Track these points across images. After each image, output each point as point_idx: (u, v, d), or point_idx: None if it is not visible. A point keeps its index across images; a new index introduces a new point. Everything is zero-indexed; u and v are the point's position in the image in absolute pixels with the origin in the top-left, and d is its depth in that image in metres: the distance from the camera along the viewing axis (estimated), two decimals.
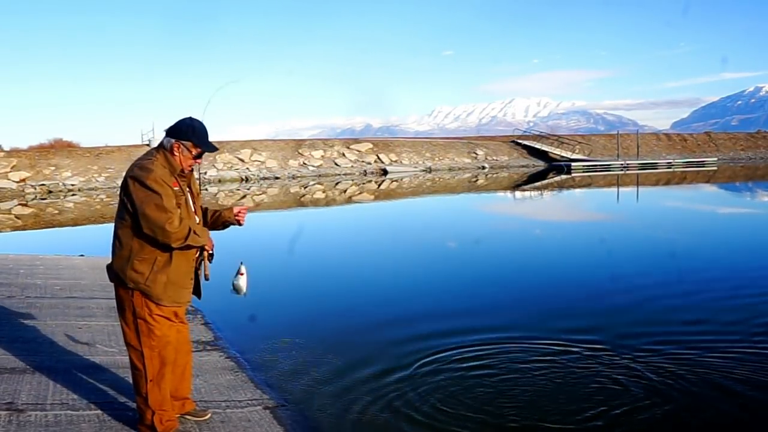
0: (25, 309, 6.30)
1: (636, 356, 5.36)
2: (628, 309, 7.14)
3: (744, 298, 7.32)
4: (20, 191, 27.82)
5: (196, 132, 3.52)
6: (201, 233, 3.53)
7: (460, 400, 4.60)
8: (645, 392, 4.64)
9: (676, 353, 5.47)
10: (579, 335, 5.98)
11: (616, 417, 4.29)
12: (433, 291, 8.22)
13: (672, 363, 5.22)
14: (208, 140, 3.59)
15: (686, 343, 5.76)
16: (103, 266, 3.85)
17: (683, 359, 5.31)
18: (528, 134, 48.82)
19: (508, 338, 5.94)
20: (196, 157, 3.56)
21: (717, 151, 47.34)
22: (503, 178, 33.81)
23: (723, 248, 11.34)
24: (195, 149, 3.53)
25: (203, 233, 3.55)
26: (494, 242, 12.79)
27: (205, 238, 3.57)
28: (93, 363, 4.83)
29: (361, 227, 16.47)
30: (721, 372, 5.04)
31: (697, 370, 5.05)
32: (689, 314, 6.81)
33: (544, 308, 7.25)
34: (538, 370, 5.14)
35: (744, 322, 6.34)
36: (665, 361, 5.25)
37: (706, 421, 4.31)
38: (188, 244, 3.43)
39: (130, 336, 3.53)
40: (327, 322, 6.74)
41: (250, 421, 4.00)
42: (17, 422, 3.71)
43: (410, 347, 5.72)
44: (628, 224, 15.52)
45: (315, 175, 34.63)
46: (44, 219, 19.80)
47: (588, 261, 10.35)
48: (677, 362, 5.24)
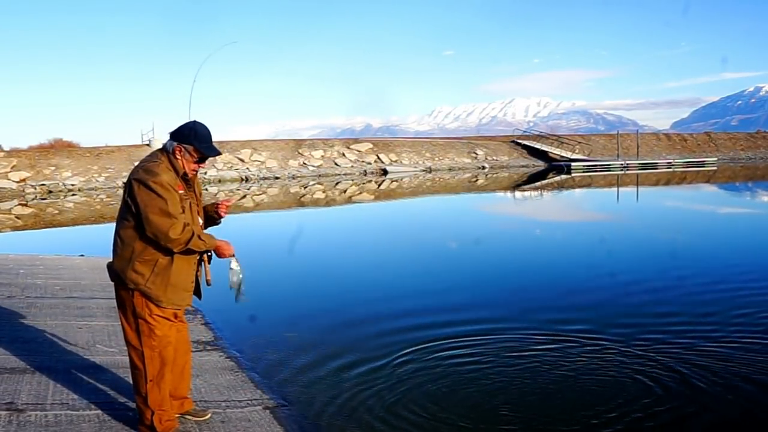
0: (25, 309, 6.30)
1: (635, 348, 5.43)
2: (618, 302, 7.42)
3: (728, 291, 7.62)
4: (20, 191, 27.82)
5: (198, 136, 3.50)
6: (206, 239, 3.52)
7: (463, 400, 4.60)
8: (642, 384, 4.69)
9: (663, 343, 5.66)
10: (572, 326, 6.24)
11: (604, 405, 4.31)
12: (432, 290, 8.22)
13: (659, 352, 5.37)
14: (210, 144, 3.57)
15: (678, 333, 6.01)
16: (103, 266, 3.85)
17: (672, 350, 5.47)
18: (528, 134, 48.80)
19: (514, 335, 6.03)
20: (198, 161, 3.55)
21: (717, 151, 47.34)
22: (503, 178, 33.81)
23: (714, 245, 11.35)
24: (197, 153, 3.52)
25: (208, 239, 3.54)
26: (492, 241, 12.79)
27: (211, 244, 3.55)
28: (93, 363, 4.83)
29: (361, 227, 16.48)
30: (715, 360, 5.18)
31: (693, 360, 5.16)
32: (683, 307, 7.02)
33: (538, 302, 7.48)
34: (535, 360, 5.27)
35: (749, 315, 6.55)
36: (654, 351, 5.37)
37: (704, 410, 4.33)
38: (190, 249, 3.43)
39: (130, 335, 3.53)
40: (327, 321, 6.74)
41: (250, 421, 4.00)
42: (17, 422, 3.71)
43: (412, 347, 5.72)
44: (621, 223, 15.52)
45: (315, 175, 34.63)
46: (44, 219, 19.80)
47: (579, 258, 10.37)
48: (664, 352, 5.40)
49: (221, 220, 3.83)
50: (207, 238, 3.54)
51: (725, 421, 4.33)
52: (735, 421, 4.32)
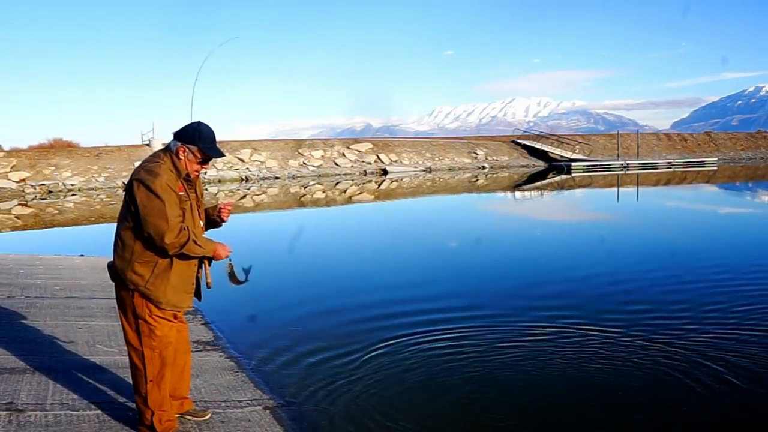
0: (25, 309, 6.30)
1: (623, 337, 5.47)
2: (603, 294, 7.82)
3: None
4: (20, 191, 27.81)
5: (203, 137, 3.48)
6: (203, 244, 3.48)
7: (462, 399, 4.60)
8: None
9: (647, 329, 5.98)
10: (562, 313, 6.67)
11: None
12: (432, 289, 8.21)
13: (643, 339, 5.63)
14: (214, 145, 3.54)
15: (664, 325, 6.29)
16: (102, 266, 3.85)
17: (656, 339, 5.66)
18: (528, 134, 48.79)
19: (509, 330, 6.10)
20: (202, 162, 3.53)
21: (717, 151, 47.35)
22: (503, 178, 33.80)
23: (702, 244, 11.35)
24: (201, 154, 3.50)
25: (206, 244, 3.50)
26: (492, 241, 12.79)
27: (209, 249, 3.51)
28: (93, 363, 4.83)
29: (361, 227, 16.47)
30: (700, 351, 5.38)
31: (680, 350, 5.35)
32: (668, 296, 7.47)
33: (537, 298, 7.65)
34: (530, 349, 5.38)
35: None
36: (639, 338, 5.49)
37: (690, 397, 4.33)
38: (184, 253, 3.39)
39: (130, 336, 3.53)
40: (327, 322, 6.74)
41: (250, 421, 4.00)
42: (17, 422, 3.71)
43: (413, 347, 5.73)
44: (616, 222, 15.53)
45: (315, 175, 34.62)
46: (44, 219, 19.79)
47: (568, 254, 10.39)
48: (646, 339, 5.62)
49: (223, 224, 3.82)
50: (204, 243, 3.49)
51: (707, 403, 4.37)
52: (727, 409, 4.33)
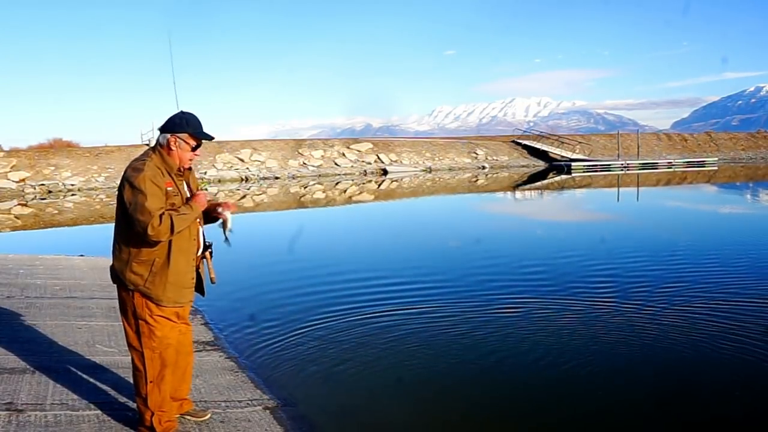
0: (25, 309, 6.30)
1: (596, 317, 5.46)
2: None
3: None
4: (20, 191, 27.81)
5: (190, 123, 3.51)
6: (188, 210, 3.42)
7: (464, 399, 4.60)
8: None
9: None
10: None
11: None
12: (431, 289, 8.20)
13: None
14: (202, 130, 3.56)
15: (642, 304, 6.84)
16: (102, 266, 3.85)
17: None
18: (528, 134, 48.78)
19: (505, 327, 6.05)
20: (194, 148, 3.54)
21: (717, 151, 47.34)
22: (503, 178, 33.79)
23: (694, 242, 11.36)
24: (192, 140, 3.52)
25: (191, 209, 3.44)
26: (491, 241, 12.80)
27: (196, 210, 3.47)
28: (93, 363, 4.82)
29: (361, 226, 16.46)
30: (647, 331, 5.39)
31: (660, 327, 5.83)
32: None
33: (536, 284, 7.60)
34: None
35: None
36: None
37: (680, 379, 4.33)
38: (180, 231, 3.37)
39: (131, 337, 3.53)
40: (327, 321, 6.73)
41: (250, 421, 4.00)
42: (17, 422, 3.71)
43: (413, 347, 5.72)
44: (616, 222, 15.53)
45: (315, 175, 34.61)
46: (44, 219, 19.79)
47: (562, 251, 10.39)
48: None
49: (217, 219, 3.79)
50: (188, 209, 3.43)
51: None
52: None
